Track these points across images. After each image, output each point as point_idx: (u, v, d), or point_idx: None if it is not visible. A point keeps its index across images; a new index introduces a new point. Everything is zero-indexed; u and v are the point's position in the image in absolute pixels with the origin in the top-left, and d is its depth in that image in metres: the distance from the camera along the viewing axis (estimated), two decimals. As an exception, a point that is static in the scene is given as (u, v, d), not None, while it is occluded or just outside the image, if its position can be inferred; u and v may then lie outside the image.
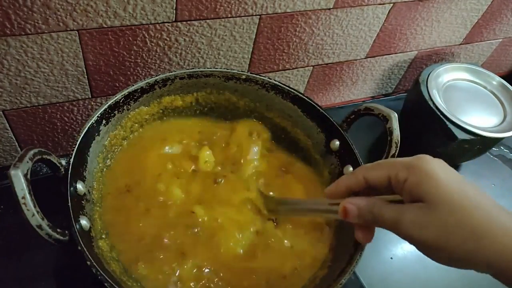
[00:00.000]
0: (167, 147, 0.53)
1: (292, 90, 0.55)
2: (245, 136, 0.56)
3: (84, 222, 0.41)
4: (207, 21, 0.55)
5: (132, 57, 0.55)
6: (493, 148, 0.80)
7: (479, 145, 0.69)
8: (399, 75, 0.85)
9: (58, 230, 0.37)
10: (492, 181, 0.77)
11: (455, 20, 0.76)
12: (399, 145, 0.48)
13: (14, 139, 0.58)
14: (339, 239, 0.49)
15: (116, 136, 0.51)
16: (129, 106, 0.51)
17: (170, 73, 0.52)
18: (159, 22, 0.52)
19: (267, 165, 0.55)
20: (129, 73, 0.57)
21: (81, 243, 0.38)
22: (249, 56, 0.64)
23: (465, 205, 0.31)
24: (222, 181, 0.52)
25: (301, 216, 0.50)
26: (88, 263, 0.37)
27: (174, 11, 0.51)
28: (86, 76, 0.54)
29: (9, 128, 0.56)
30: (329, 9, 0.61)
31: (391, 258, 0.62)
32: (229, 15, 0.55)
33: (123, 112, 0.51)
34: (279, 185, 0.54)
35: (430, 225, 0.32)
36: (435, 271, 0.59)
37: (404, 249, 0.63)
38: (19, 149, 0.60)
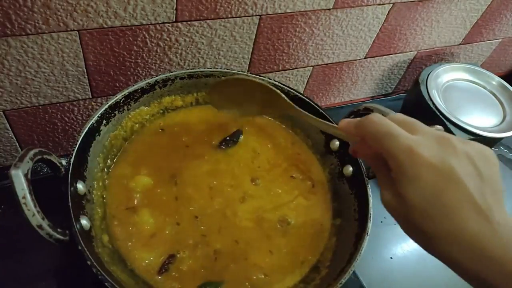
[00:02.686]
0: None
1: (292, 90, 0.55)
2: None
3: (84, 222, 0.41)
4: (207, 21, 0.55)
5: (133, 57, 0.55)
6: (493, 148, 0.80)
7: (479, 145, 0.69)
8: (399, 75, 0.85)
9: (59, 230, 0.37)
10: (491, 181, 0.77)
11: (455, 20, 0.76)
12: (398, 145, 0.48)
13: (15, 139, 0.58)
14: (339, 239, 0.49)
15: (117, 136, 0.51)
16: (129, 106, 0.51)
17: (171, 73, 0.53)
18: (159, 22, 0.52)
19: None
20: (129, 73, 0.57)
21: (81, 243, 0.38)
22: (249, 57, 0.64)
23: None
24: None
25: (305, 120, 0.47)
26: (89, 262, 0.37)
27: (174, 11, 0.52)
28: (86, 76, 0.54)
29: (9, 128, 0.56)
30: (329, 9, 0.61)
31: (391, 258, 0.62)
32: (229, 16, 0.56)
33: (123, 112, 0.51)
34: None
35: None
36: (435, 271, 0.59)
37: (404, 249, 0.63)
38: (19, 149, 0.60)
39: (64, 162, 0.42)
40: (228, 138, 0.55)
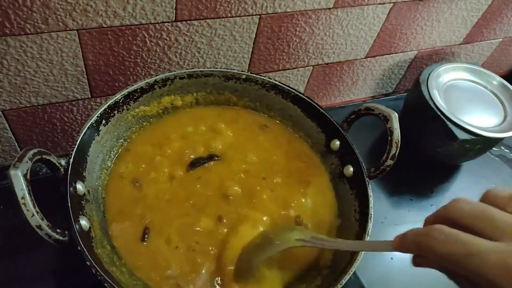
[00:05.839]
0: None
1: (292, 90, 0.55)
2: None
3: (83, 222, 0.41)
4: (207, 20, 0.55)
5: (132, 57, 0.55)
6: (494, 148, 0.80)
7: (480, 145, 0.69)
8: (400, 75, 0.85)
9: (58, 230, 0.37)
10: (492, 181, 0.77)
11: (456, 19, 0.76)
12: (399, 145, 0.48)
13: (14, 139, 0.58)
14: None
15: (116, 136, 0.51)
16: (128, 106, 0.51)
17: (170, 73, 0.52)
18: (159, 21, 0.52)
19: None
20: (128, 73, 0.57)
21: (81, 244, 0.38)
22: (249, 56, 0.64)
23: None
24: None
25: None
26: (88, 263, 0.37)
27: (174, 10, 0.51)
28: (85, 76, 0.54)
29: (8, 128, 0.56)
30: (329, 8, 0.61)
31: (391, 258, 0.62)
32: (229, 15, 0.55)
33: (122, 112, 0.51)
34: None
35: None
36: (435, 271, 0.59)
37: (405, 249, 0.63)
38: (18, 149, 0.60)
39: (63, 162, 0.42)
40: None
